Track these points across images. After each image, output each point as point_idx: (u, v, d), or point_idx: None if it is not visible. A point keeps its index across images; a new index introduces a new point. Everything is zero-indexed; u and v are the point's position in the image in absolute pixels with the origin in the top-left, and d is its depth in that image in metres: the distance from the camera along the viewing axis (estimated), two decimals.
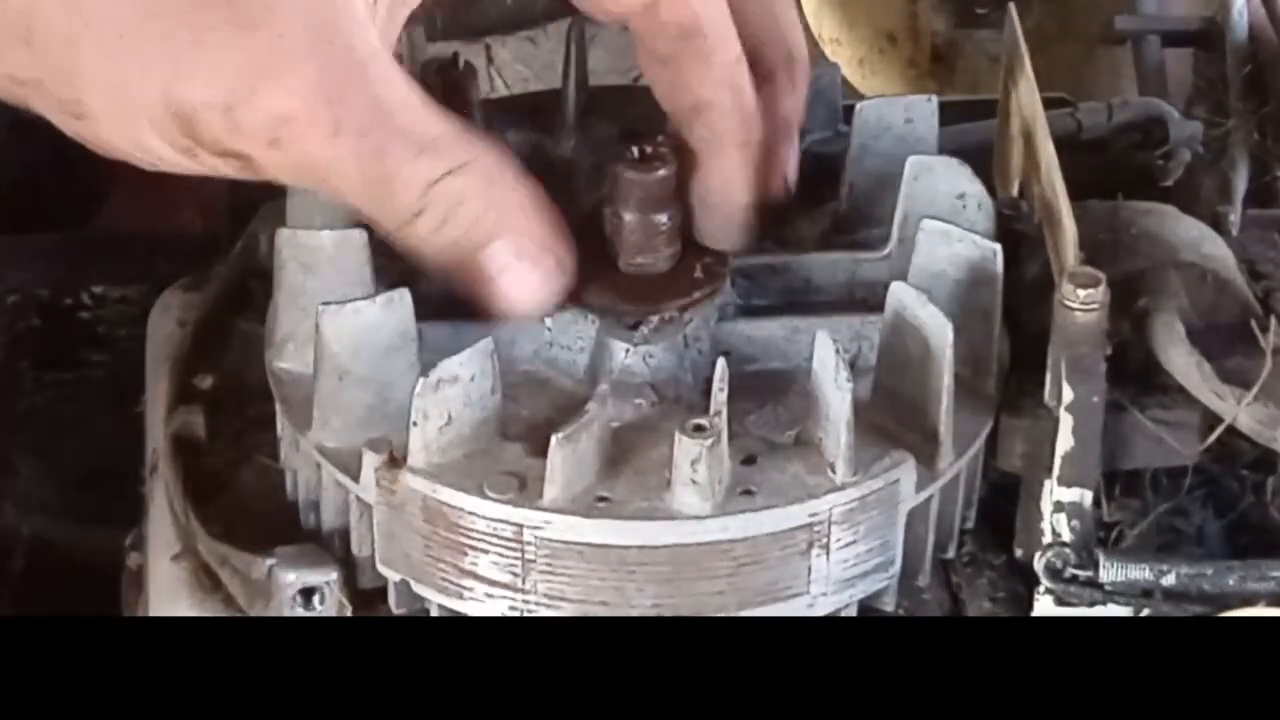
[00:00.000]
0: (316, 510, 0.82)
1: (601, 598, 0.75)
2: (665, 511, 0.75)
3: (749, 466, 0.77)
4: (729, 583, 0.76)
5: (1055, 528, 0.79)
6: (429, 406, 0.75)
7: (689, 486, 0.74)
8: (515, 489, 0.75)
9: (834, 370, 0.75)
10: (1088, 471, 0.78)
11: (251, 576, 0.80)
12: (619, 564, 0.75)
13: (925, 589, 0.82)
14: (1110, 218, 0.89)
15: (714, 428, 0.74)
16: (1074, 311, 0.77)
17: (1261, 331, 0.82)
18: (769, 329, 0.82)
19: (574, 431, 0.74)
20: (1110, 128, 1.01)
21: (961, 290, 0.81)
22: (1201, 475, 0.84)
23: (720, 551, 0.75)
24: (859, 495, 0.76)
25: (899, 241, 0.84)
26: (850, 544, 0.77)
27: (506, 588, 0.76)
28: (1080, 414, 0.77)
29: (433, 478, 0.76)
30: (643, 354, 0.80)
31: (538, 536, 0.75)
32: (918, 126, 0.89)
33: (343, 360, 0.77)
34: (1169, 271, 0.85)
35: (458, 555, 0.76)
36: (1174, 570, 0.78)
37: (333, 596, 0.79)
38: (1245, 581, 0.77)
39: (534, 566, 0.75)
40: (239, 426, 0.88)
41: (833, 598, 0.78)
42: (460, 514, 0.75)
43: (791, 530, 0.76)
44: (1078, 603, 0.78)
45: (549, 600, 0.76)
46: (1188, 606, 0.78)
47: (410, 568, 0.78)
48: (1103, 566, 0.78)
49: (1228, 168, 0.98)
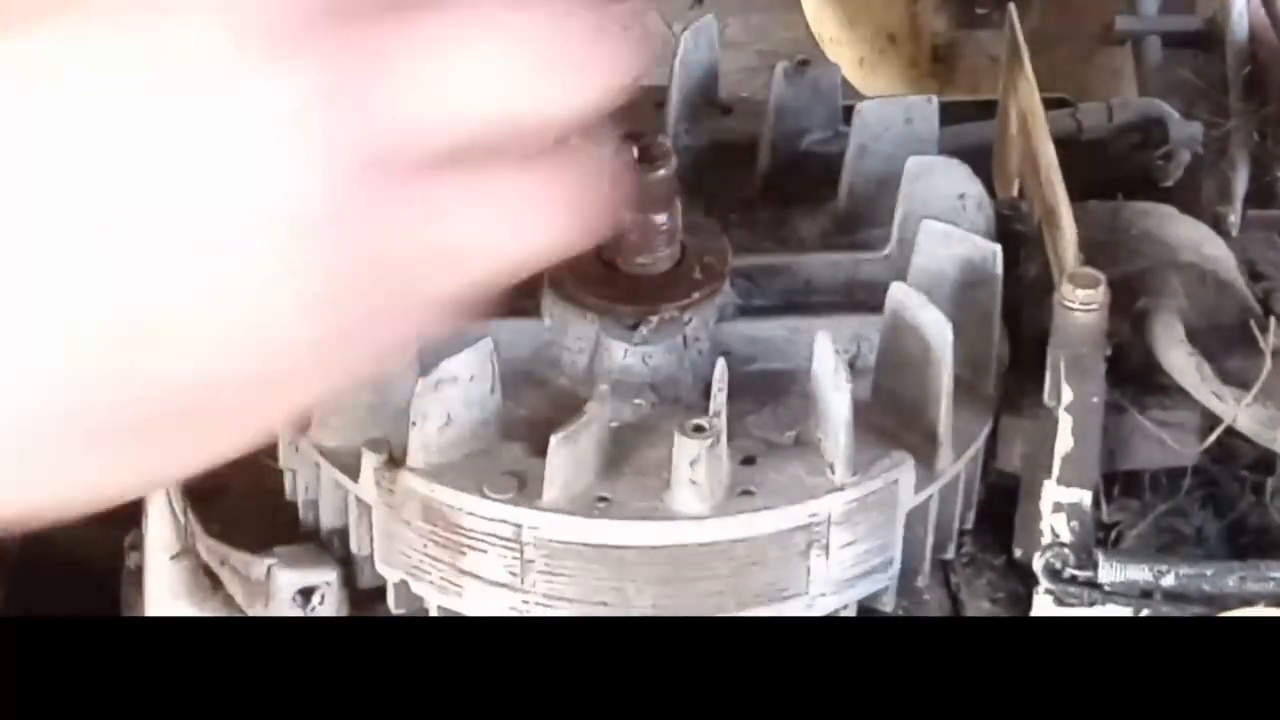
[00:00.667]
0: (316, 510, 0.82)
1: (601, 598, 0.75)
2: (665, 512, 0.75)
3: (748, 467, 0.77)
4: (728, 583, 0.76)
5: (1054, 528, 0.79)
6: (428, 407, 0.75)
7: (688, 487, 0.74)
8: (515, 489, 0.75)
9: (833, 371, 0.75)
10: (1087, 472, 0.78)
11: (251, 576, 0.80)
12: (618, 564, 0.75)
13: (924, 589, 0.82)
14: (1110, 218, 0.89)
15: (713, 428, 0.74)
16: (1074, 312, 0.77)
17: (1261, 332, 0.82)
18: (769, 329, 0.82)
19: (573, 432, 0.74)
20: (1110, 128, 1.01)
21: (961, 291, 0.81)
22: (1201, 476, 0.84)
23: (719, 552, 0.75)
24: (858, 496, 0.76)
25: (899, 242, 0.84)
26: (849, 544, 0.77)
27: (506, 588, 0.76)
28: (1080, 414, 0.77)
29: (432, 478, 0.76)
30: (642, 354, 0.80)
31: (537, 537, 0.75)
32: (918, 127, 0.89)
33: None
34: (1169, 272, 0.85)
35: (457, 555, 0.76)
36: (1173, 571, 0.78)
37: (332, 596, 0.79)
38: (1245, 582, 0.77)
39: (533, 566, 0.75)
40: None
41: (832, 598, 0.78)
42: (459, 514, 0.75)
43: (791, 531, 0.76)
44: (1077, 603, 0.78)
45: (548, 600, 0.76)
46: (1187, 607, 0.77)
47: (409, 568, 0.78)
48: (1102, 567, 0.78)
49: (1228, 168, 0.98)
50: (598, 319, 0.81)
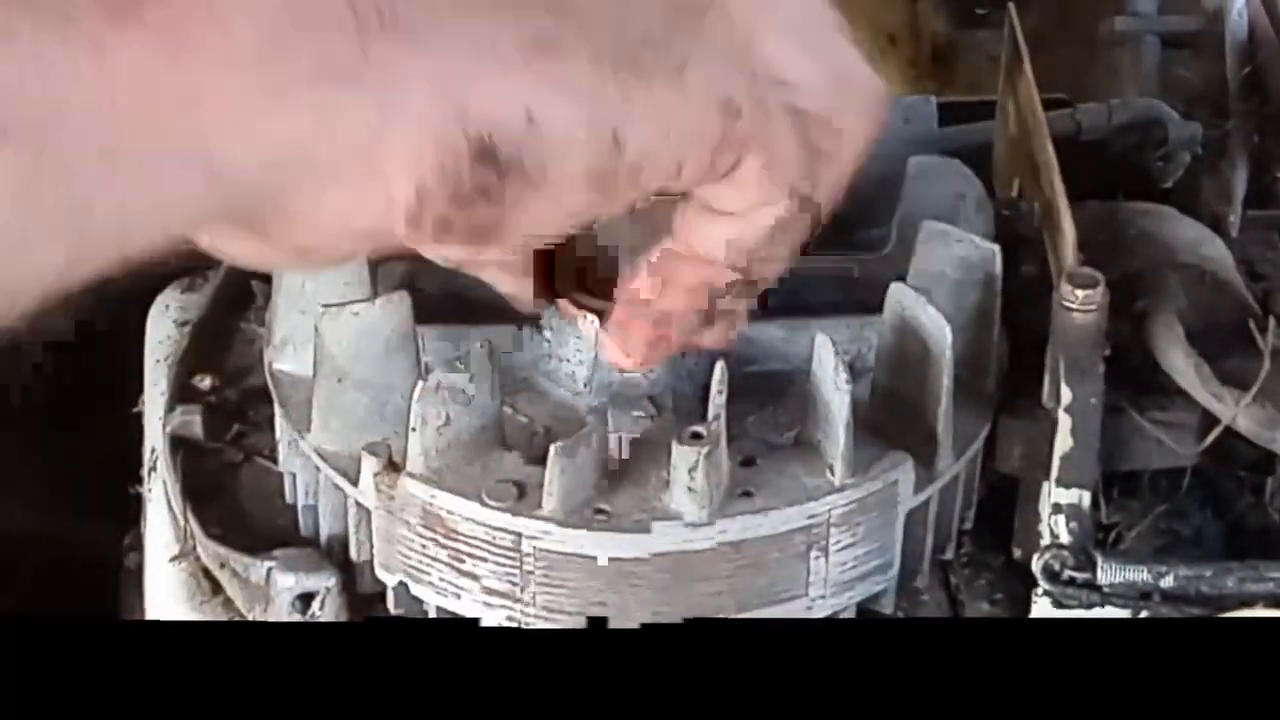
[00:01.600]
0: (315, 514, 0.82)
1: (599, 602, 0.75)
2: (663, 517, 0.74)
3: (748, 468, 0.77)
4: (728, 585, 0.75)
5: (1053, 529, 0.79)
6: (428, 411, 0.75)
7: (686, 493, 0.74)
8: (513, 497, 0.75)
9: (833, 371, 0.75)
10: (1086, 473, 0.78)
11: (250, 579, 0.80)
12: (617, 575, 0.75)
13: (924, 590, 0.82)
14: (1109, 219, 0.89)
15: (711, 434, 0.73)
16: (1073, 312, 0.77)
17: (1260, 332, 0.82)
18: (768, 330, 0.82)
19: (573, 444, 0.74)
20: (1110, 129, 1.01)
21: (960, 291, 0.81)
22: (1200, 477, 0.84)
23: (719, 554, 0.75)
24: (858, 497, 0.76)
25: (899, 242, 0.84)
26: (849, 546, 0.77)
27: (505, 596, 0.76)
28: (1079, 415, 0.77)
29: (431, 483, 0.75)
30: None
31: (536, 547, 0.75)
32: (917, 127, 0.89)
33: (342, 362, 0.77)
34: (1168, 272, 0.85)
35: (456, 561, 0.76)
36: (1172, 572, 0.78)
37: (331, 601, 0.79)
38: (1244, 583, 0.77)
39: (533, 577, 0.75)
40: (238, 428, 0.88)
41: (831, 600, 0.78)
42: (458, 520, 0.75)
43: (790, 532, 0.76)
44: (1076, 604, 0.78)
45: (547, 612, 0.75)
46: (1186, 608, 0.77)
47: (408, 572, 0.78)
48: (1101, 568, 0.78)
49: (1227, 169, 0.98)
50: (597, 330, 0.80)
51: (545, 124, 0.60)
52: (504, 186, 0.60)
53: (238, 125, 0.56)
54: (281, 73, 0.56)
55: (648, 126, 0.62)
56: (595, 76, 0.61)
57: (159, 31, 0.54)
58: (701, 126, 0.63)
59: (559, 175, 0.61)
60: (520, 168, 0.60)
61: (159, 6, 0.54)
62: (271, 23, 0.55)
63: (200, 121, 0.55)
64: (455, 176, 0.59)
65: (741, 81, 0.64)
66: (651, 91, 0.62)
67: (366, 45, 0.57)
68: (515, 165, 0.60)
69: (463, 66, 0.58)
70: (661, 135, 0.62)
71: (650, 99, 0.62)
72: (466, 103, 0.58)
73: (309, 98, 0.56)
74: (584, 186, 0.62)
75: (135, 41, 0.54)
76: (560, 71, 0.60)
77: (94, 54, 0.53)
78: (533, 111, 0.59)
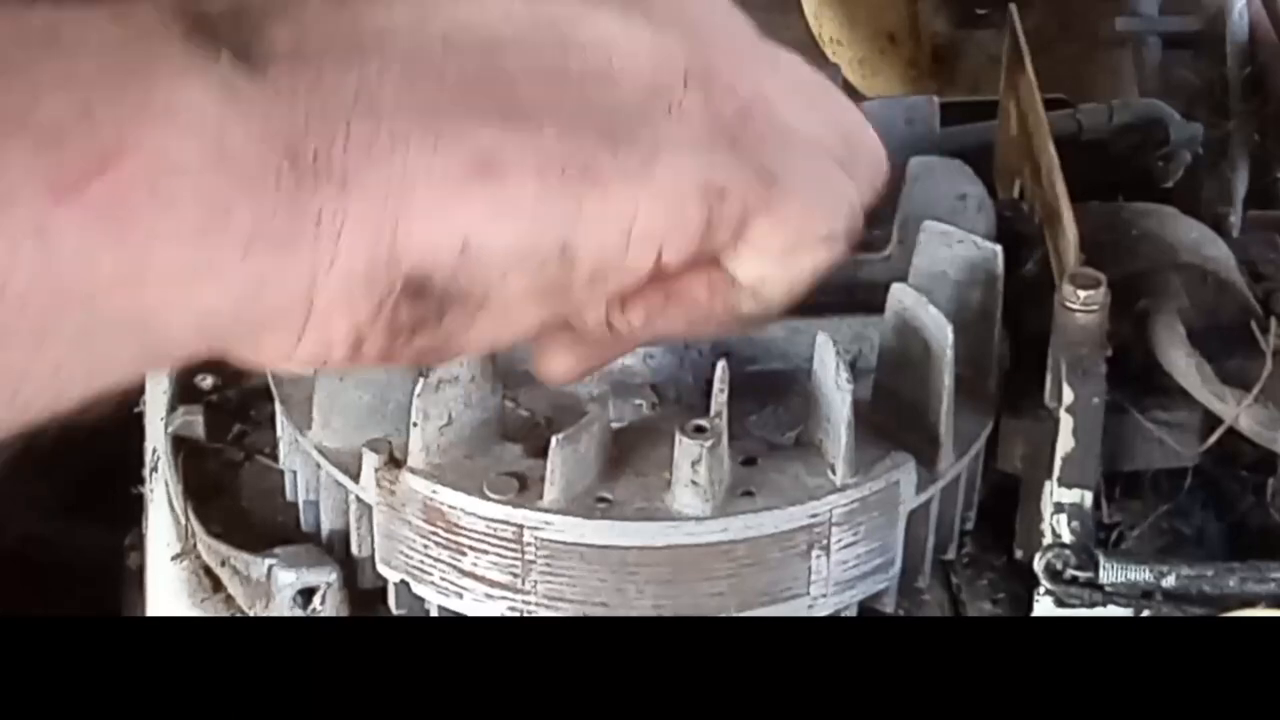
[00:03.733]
0: (316, 511, 0.82)
1: (601, 599, 0.75)
2: (665, 512, 0.75)
3: (749, 467, 0.77)
4: (729, 584, 0.75)
5: (1055, 529, 0.79)
6: (429, 407, 0.75)
7: (689, 487, 0.74)
8: (515, 490, 0.75)
9: (834, 371, 0.75)
10: (1088, 473, 0.78)
11: (251, 576, 0.80)
12: (619, 565, 0.75)
13: (925, 590, 0.82)
14: (1111, 219, 0.89)
15: (714, 429, 0.74)
16: (1075, 313, 0.77)
17: (1262, 333, 0.82)
18: (769, 330, 0.82)
19: (574, 432, 0.74)
20: (1111, 129, 1.01)
21: (962, 291, 0.81)
22: (1202, 476, 0.84)
23: (720, 552, 0.75)
24: (859, 496, 0.76)
25: (899, 242, 0.84)
26: (850, 545, 0.77)
27: (506, 588, 0.76)
28: (1080, 415, 0.77)
29: (433, 478, 0.76)
30: (643, 354, 0.80)
31: (538, 537, 0.75)
32: (918, 127, 0.89)
33: None
34: (1169, 273, 0.85)
35: (457, 556, 0.76)
36: (1174, 572, 0.78)
37: (332, 597, 0.79)
38: (1245, 583, 0.77)
39: (534, 567, 0.75)
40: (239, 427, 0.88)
41: (833, 599, 0.78)
42: (460, 514, 0.75)
43: (792, 531, 0.76)
44: (1078, 604, 0.78)
45: (549, 601, 0.76)
46: (1188, 608, 0.77)
47: (410, 568, 0.78)
48: (1103, 568, 0.78)
49: (1228, 169, 0.98)
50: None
51: (481, 250, 0.58)
52: (441, 315, 0.59)
53: (175, 297, 0.55)
54: (219, 243, 0.55)
55: (604, 232, 0.60)
56: (540, 192, 0.58)
57: (101, 211, 0.53)
58: (674, 219, 0.60)
59: (501, 297, 0.59)
60: (460, 296, 0.59)
61: (103, 184, 0.53)
62: (211, 190, 0.54)
63: (139, 295, 0.55)
64: (389, 315, 0.58)
65: (726, 161, 0.61)
66: (607, 195, 0.59)
67: (300, 198, 0.56)
68: (454, 295, 0.59)
69: (394, 205, 0.57)
70: (620, 237, 0.60)
71: (605, 204, 0.59)
72: (396, 241, 0.57)
73: (245, 267, 0.55)
74: (534, 303, 0.60)
75: (77, 222, 0.53)
76: (500, 195, 0.58)
77: (36, 235, 0.53)
78: (469, 239, 0.58)
